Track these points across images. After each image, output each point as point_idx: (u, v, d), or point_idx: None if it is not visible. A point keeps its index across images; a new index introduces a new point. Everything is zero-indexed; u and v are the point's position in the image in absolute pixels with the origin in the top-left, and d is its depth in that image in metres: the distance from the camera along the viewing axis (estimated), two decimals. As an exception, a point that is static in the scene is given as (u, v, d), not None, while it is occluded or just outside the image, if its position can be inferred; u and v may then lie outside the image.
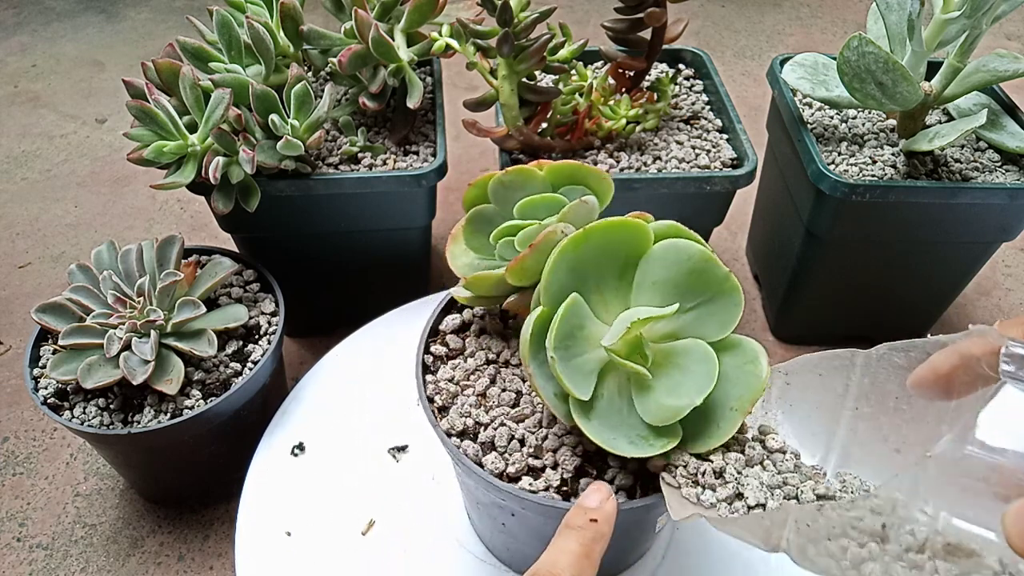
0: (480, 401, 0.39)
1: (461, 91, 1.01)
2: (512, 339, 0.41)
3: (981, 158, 0.61)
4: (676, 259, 0.34)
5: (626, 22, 0.59)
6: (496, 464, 0.36)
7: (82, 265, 0.52)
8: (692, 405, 0.32)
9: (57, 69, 1.13)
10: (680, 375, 0.33)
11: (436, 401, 0.39)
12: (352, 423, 0.56)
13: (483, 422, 0.38)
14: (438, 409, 0.38)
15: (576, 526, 0.31)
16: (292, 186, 0.54)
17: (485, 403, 0.39)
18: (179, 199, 0.89)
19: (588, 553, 0.30)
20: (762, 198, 0.77)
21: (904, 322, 0.71)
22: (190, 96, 0.51)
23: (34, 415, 0.66)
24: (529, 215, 0.37)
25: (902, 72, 0.52)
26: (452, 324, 0.42)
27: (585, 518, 0.32)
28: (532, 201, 0.37)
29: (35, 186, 0.91)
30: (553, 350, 0.32)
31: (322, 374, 0.59)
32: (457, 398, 0.39)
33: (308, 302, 0.66)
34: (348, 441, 0.55)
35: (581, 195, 0.37)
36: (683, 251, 0.34)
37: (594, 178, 0.38)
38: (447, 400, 0.38)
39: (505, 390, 0.39)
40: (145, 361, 0.48)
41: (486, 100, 0.57)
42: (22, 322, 0.74)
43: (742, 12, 1.30)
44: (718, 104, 0.66)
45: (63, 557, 0.56)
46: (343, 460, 0.54)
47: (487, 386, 0.39)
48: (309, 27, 0.57)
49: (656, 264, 0.34)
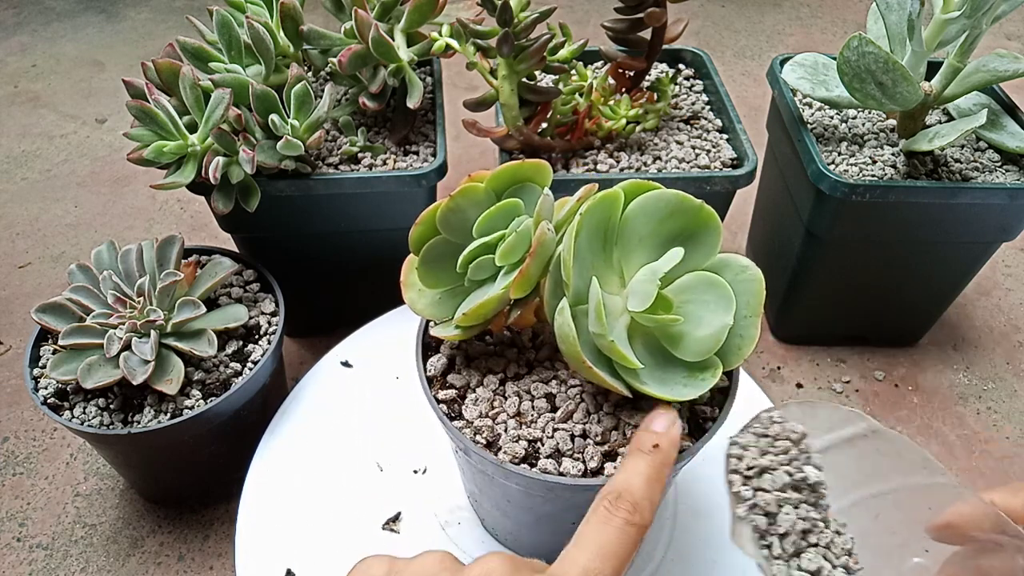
0: (520, 421, 0.38)
1: (461, 91, 1.01)
2: (506, 351, 0.41)
3: (981, 158, 0.61)
4: (655, 208, 0.36)
5: (626, 22, 0.59)
6: (577, 467, 0.36)
7: (82, 265, 0.52)
8: (727, 326, 0.34)
9: (57, 69, 1.13)
10: (698, 308, 0.35)
11: (480, 441, 0.37)
12: (352, 423, 0.56)
13: (537, 437, 0.37)
14: (486, 445, 0.37)
15: (647, 450, 0.33)
16: (292, 186, 0.54)
17: (525, 420, 0.38)
18: (179, 199, 0.89)
19: (659, 476, 0.32)
20: (762, 198, 0.77)
21: (904, 322, 0.71)
22: (190, 96, 0.51)
23: (34, 415, 0.66)
24: (491, 229, 0.37)
25: (902, 72, 0.52)
26: (439, 366, 0.41)
27: (653, 441, 0.33)
28: (490, 215, 0.37)
29: (35, 186, 0.91)
30: (609, 333, 0.33)
31: (322, 374, 0.59)
32: (497, 428, 0.38)
33: (308, 302, 0.66)
34: (348, 441, 0.55)
35: (530, 193, 0.37)
36: (659, 199, 0.36)
37: (535, 172, 0.38)
38: (491, 436, 0.37)
39: (535, 399, 0.38)
40: (145, 361, 0.48)
41: (486, 100, 0.57)
42: (22, 322, 0.74)
43: (742, 12, 1.30)
44: (718, 104, 0.66)
45: (63, 557, 0.56)
46: (343, 460, 0.54)
47: (518, 404, 0.38)
48: (309, 27, 0.57)
49: (637, 222, 0.36)
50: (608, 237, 0.36)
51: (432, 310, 0.39)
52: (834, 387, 0.70)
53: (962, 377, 0.71)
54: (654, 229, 0.36)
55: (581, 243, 0.35)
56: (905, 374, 0.71)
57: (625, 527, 0.30)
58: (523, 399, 0.39)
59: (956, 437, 0.66)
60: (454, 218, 0.38)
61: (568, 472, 0.36)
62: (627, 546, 0.29)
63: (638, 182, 0.36)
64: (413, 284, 0.40)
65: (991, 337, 0.75)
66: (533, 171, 0.38)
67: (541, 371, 0.40)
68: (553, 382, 0.39)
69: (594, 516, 0.30)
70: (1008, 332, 0.76)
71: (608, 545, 0.29)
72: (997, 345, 0.74)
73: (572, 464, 0.36)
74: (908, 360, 0.72)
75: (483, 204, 0.37)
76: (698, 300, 0.36)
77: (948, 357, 0.73)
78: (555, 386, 0.39)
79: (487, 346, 0.41)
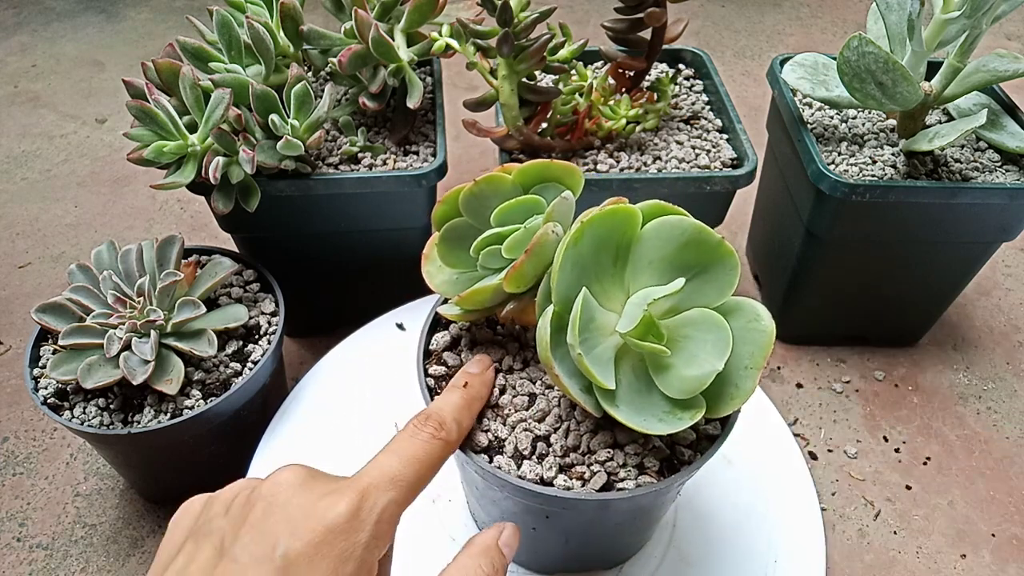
0: (496, 413, 0.38)
1: (461, 91, 1.01)
2: (509, 344, 0.41)
3: (981, 158, 0.61)
4: (669, 235, 0.35)
5: (626, 22, 0.59)
6: (534, 471, 0.36)
7: (82, 265, 0.52)
8: (715, 371, 0.32)
9: (57, 69, 1.13)
10: (694, 346, 0.34)
11: None
12: (352, 423, 0.56)
13: (505, 436, 0.37)
14: None
15: (460, 385, 0.37)
16: (292, 186, 0.54)
17: (501, 413, 0.38)
18: (179, 199, 0.89)
19: (468, 405, 0.36)
20: (762, 198, 0.77)
21: (904, 322, 0.71)
22: (190, 96, 0.51)
23: (34, 415, 0.66)
24: (508, 221, 0.37)
25: (902, 72, 0.52)
26: (443, 342, 0.41)
27: (466, 380, 0.37)
28: (509, 207, 0.37)
29: (35, 186, 0.91)
30: (579, 345, 0.32)
31: (322, 374, 0.59)
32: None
33: (308, 302, 0.66)
34: (348, 441, 0.55)
35: (555, 192, 0.37)
36: (675, 227, 0.35)
37: (565, 173, 0.38)
38: None
39: (517, 395, 0.39)
40: (145, 361, 0.48)
41: (486, 100, 0.57)
42: (22, 322, 0.74)
43: (742, 12, 1.30)
44: (718, 104, 0.66)
45: (63, 557, 0.56)
46: (343, 460, 0.54)
47: (498, 396, 0.39)
48: (309, 27, 0.57)
49: (650, 244, 0.35)
50: (620, 253, 0.35)
51: (447, 287, 0.40)
52: (834, 387, 0.70)
53: (962, 377, 0.71)
54: (668, 255, 0.35)
55: (584, 252, 0.34)
56: (905, 374, 0.71)
57: (431, 440, 0.33)
58: (505, 392, 0.39)
59: (956, 437, 0.66)
60: (475, 203, 0.38)
61: (525, 476, 0.36)
62: (431, 456, 0.32)
63: (660, 204, 0.35)
64: (433, 259, 0.40)
65: (991, 337, 0.75)
66: (562, 172, 0.38)
67: (534, 370, 0.40)
68: (539, 383, 0.39)
69: (403, 432, 0.33)
70: (1008, 332, 0.76)
71: (411, 451, 0.32)
72: (997, 345, 0.74)
73: (530, 468, 0.36)
74: (908, 360, 0.72)
75: (507, 195, 0.37)
76: (697, 338, 0.34)
77: (948, 357, 0.73)
78: (539, 388, 0.39)
79: (495, 335, 0.42)
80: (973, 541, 0.59)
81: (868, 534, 0.59)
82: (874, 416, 0.67)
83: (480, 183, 0.37)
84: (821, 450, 0.64)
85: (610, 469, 0.36)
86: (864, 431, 0.66)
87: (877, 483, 0.62)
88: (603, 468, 0.36)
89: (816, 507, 0.54)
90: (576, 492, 0.35)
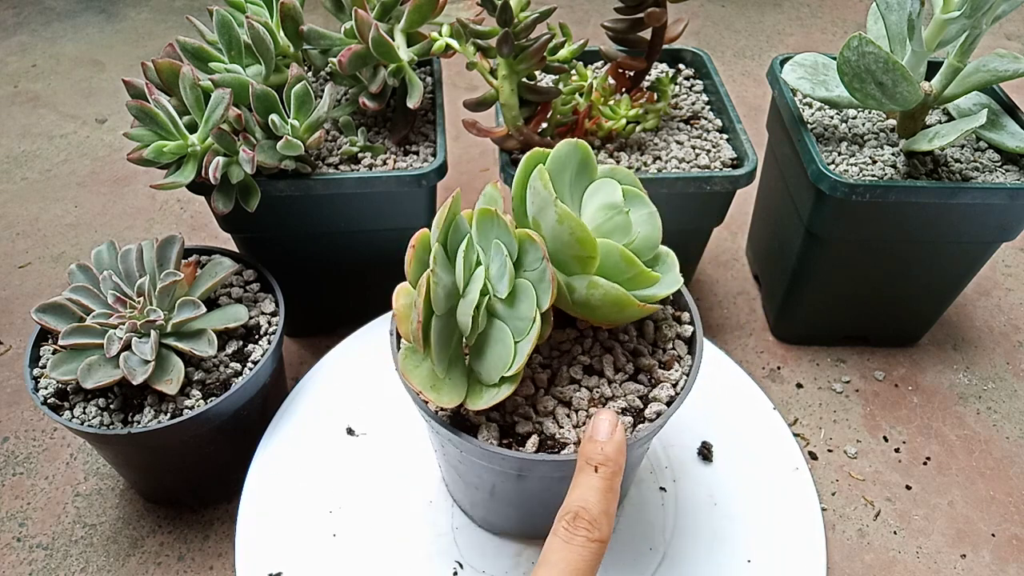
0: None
1: (461, 91, 1.02)
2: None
3: (981, 158, 0.61)
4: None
5: (626, 22, 0.59)
6: (492, 433, 0.38)
7: (82, 265, 0.52)
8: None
9: (57, 69, 1.13)
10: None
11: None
12: (352, 423, 0.56)
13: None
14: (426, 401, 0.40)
15: (596, 462, 0.33)
16: (292, 186, 0.54)
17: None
18: (179, 199, 0.89)
19: (612, 487, 0.33)
20: (762, 198, 0.77)
21: (904, 322, 0.71)
22: (190, 96, 0.51)
23: (34, 415, 0.66)
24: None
25: (902, 72, 0.52)
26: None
27: (599, 452, 0.34)
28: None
29: (35, 186, 0.91)
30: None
31: (322, 374, 0.59)
32: None
33: (308, 302, 0.66)
34: (348, 440, 0.55)
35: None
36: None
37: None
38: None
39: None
40: (145, 361, 0.48)
41: (486, 100, 0.57)
42: (22, 322, 0.74)
43: (742, 12, 1.30)
44: (718, 104, 0.66)
45: (63, 557, 0.56)
46: (343, 460, 0.54)
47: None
48: (309, 27, 0.57)
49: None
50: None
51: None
52: (834, 387, 0.70)
53: (962, 377, 0.71)
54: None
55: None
56: (905, 374, 0.71)
57: (587, 544, 0.31)
58: None
59: (956, 437, 0.66)
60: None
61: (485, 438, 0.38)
62: (591, 562, 0.31)
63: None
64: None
65: (991, 337, 0.75)
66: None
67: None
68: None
69: (555, 538, 0.32)
70: (1008, 332, 0.76)
71: (572, 563, 0.30)
72: (997, 345, 0.74)
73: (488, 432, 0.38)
74: (908, 360, 0.72)
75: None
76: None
77: (948, 357, 0.73)
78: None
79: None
80: (973, 541, 0.59)
81: (868, 534, 0.59)
82: (874, 416, 0.67)
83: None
84: (821, 450, 0.64)
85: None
86: (864, 431, 0.66)
87: (877, 483, 0.62)
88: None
89: (816, 507, 0.54)
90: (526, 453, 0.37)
